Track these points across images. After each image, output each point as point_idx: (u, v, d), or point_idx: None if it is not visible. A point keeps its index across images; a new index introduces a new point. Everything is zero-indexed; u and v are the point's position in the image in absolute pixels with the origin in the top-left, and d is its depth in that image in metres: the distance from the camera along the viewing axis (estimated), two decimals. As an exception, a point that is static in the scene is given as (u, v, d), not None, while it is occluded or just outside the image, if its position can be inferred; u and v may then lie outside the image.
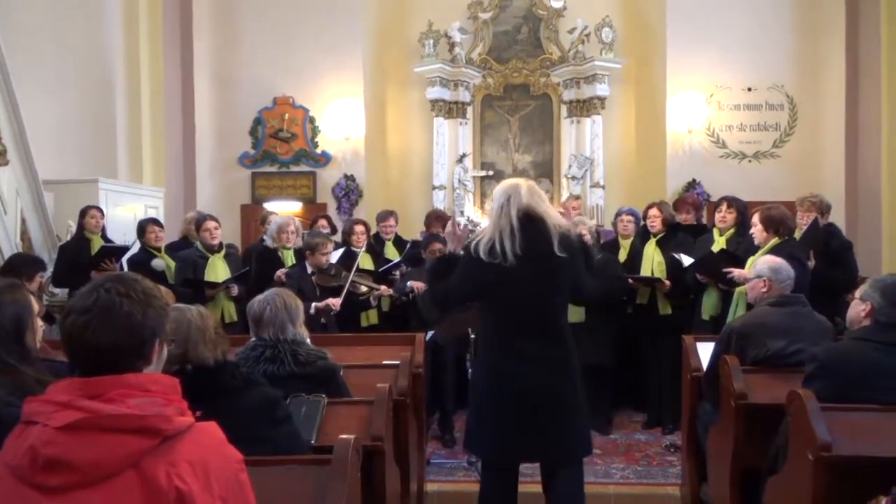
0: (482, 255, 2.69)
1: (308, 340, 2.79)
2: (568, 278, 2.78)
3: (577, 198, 6.43)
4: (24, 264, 4.42)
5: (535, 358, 2.70)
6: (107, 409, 1.19)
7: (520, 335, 2.72)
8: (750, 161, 8.29)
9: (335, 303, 4.58)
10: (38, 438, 1.18)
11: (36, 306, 2.03)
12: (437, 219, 5.91)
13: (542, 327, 2.75)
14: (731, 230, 4.66)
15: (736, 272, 4.16)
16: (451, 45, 8.56)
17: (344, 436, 1.93)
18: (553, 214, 2.79)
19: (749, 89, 8.24)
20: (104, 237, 5.66)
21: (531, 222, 2.71)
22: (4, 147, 5.26)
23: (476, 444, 2.90)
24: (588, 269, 3.03)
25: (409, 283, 4.97)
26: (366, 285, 4.93)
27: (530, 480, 3.40)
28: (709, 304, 4.53)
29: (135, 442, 1.18)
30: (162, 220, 6.75)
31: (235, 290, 4.99)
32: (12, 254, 5.19)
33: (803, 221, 4.70)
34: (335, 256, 5.14)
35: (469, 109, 8.82)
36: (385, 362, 3.41)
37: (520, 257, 2.66)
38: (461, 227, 3.27)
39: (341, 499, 1.75)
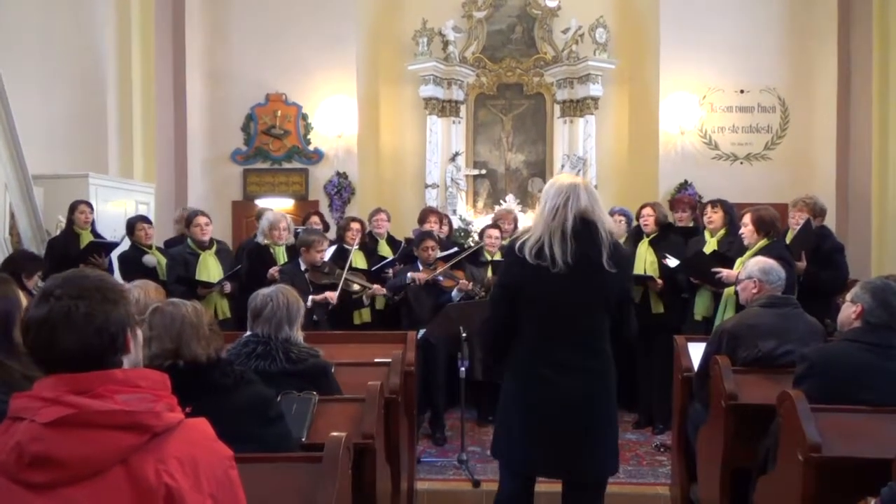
0: (528, 256, 2.52)
1: (301, 339, 2.77)
2: (613, 293, 2.60)
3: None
4: (25, 261, 4.43)
5: (572, 369, 2.55)
6: (95, 406, 1.17)
7: (558, 344, 2.57)
8: (741, 163, 8.32)
9: (332, 296, 4.57)
10: (24, 435, 1.16)
11: (24, 301, 2.00)
12: (430, 214, 5.90)
13: (583, 338, 2.59)
14: (722, 231, 4.68)
15: (724, 272, 4.17)
16: (445, 44, 8.55)
17: (335, 433, 1.92)
18: (607, 221, 2.61)
19: (741, 91, 8.28)
20: (94, 232, 5.63)
21: (585, 227, 2.53)
22: (-7, 141, 5.22)
23: (503, 452, 2.73)
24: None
25: (409, 275, 4.94)
26: (359, 283, 4.91)
27: (543, 480, 3.39)
28: (701, 305, 4.54)
29: (123, 438, 1.17)
30: (152, 216, 6.72)
31: (228, 287, 4.96)
32: (15, 250, 5.18)
33: (795, 222, 4.72)
34: (328, 254, 5.12)
35: (462, 108, 8.81)
36: (377, 360, 3.40)
37: (569, 264, 2.49)
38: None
39: (332, 496, 1.74)
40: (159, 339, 2.08)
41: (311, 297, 4.43)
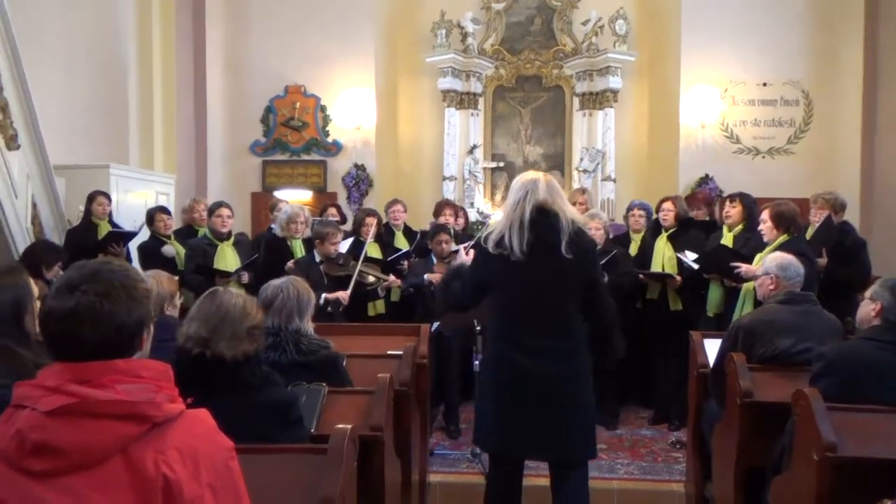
0: (490, 246, 2.70)
1: (311, 331, 2.78)
2: (575, 278, 2.73)
3: (584, 191, 6.33)
4: (44, 251, 4.49)
5: (539, 352, 2.68)
6: (95, 395, 1.18)
7: (524, 329, 2.71)
8: (764, 157, 8.19)
9: (344, 296, 4.55)
10: (25, 423, 1.17)
11: (36, 290, 2.03)
12: (445, 207, 5.89)
13: (547, 323, 2.72)
14: (740, 226, 4.60)
15: (744, 267, 4.11)
16: (464, 36, 8.50)
17: (340, 425, 1.92)
18: (569, 210, 2.76)
19: (764, 84, 8.13)
20: (111, 223, 5.69)
21: (544, 218, 2.69)
22: (15, 131, 5.27)
23: (480, 438, 2.89)
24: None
25: (426, 277, 4.92)
26: (373, 275, 4.90)
27: (536, 474, 3.40)
28: (713, 302, 4.48)
29: (123, 428, 1.17)
30: (172, 207, 6.78)
31: (246, 277, 5.00)
32: (35, 240, 5.25)
33: (816, 219, 4.65)
34: (344, 246, 5.13)
35: (481, 100, 8.77)
36: (390, 353, 3.40)
37: (527, 253, 2.65)
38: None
39: (335, 488, 1.74)
40: (199, 324, 2.08)
41: (323, 295, 4.41)
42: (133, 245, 5.61)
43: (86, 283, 1.25)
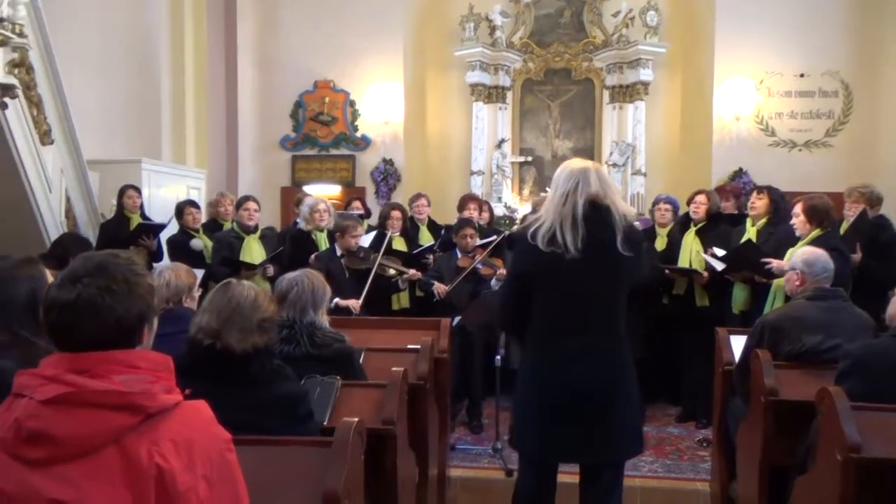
0: (540, 243, 2.49)
1: (326, 324, 2.77)
2: (629, 275, 2.57)
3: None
4: (72, 243, 4.59)
5: (587, 353, 2.53)
6: (91, 385, 1.19)
7: (573, 329, 2.54)
8: (800, 150, 7.98)
9: (356, 305, 4.50)
10: (23, 411, 1.19)
11: (51, 280, 2.06)
12: (470, 201, 5.86)
13: (597, 323, 2.56)
14: (763, 219, 4.49)
15: (774, 263, 4.00)
16: (492, 29, 8.46)
17: (346, 419, 1.91)
18: (620, 204, 2.56)
19: (801, 75, 7.92)
20: (143, 216, 5.80)
21: (596, 212, 2.49)
22: (49, 126, 5.39)
23: (522, 442, 2.70)
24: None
25: (434, 287, 4.90)
26: (394, 268, 4.90)
27: (562, 471, 3.35)
28: (738, 298, 4.38)
29: (117, 418, 1.18)
30: (203, 201, 6.87)
31: (271, 270, 5.05)
32: (64, 232, 5.36)
33: (850, 213, 4.52)
34: (367, 239, 5.14)
35: (509, 94, 8.71)
36: (409, 346, 3.38)
37: (581, 250, 2.45)
38: None
39: (340, 481, 1.73)
40: (210, 315, 2.09)
41: (335, 300, 4.30)
42: (164, 237, 5.71)
43: (89, 276, 1.27)
